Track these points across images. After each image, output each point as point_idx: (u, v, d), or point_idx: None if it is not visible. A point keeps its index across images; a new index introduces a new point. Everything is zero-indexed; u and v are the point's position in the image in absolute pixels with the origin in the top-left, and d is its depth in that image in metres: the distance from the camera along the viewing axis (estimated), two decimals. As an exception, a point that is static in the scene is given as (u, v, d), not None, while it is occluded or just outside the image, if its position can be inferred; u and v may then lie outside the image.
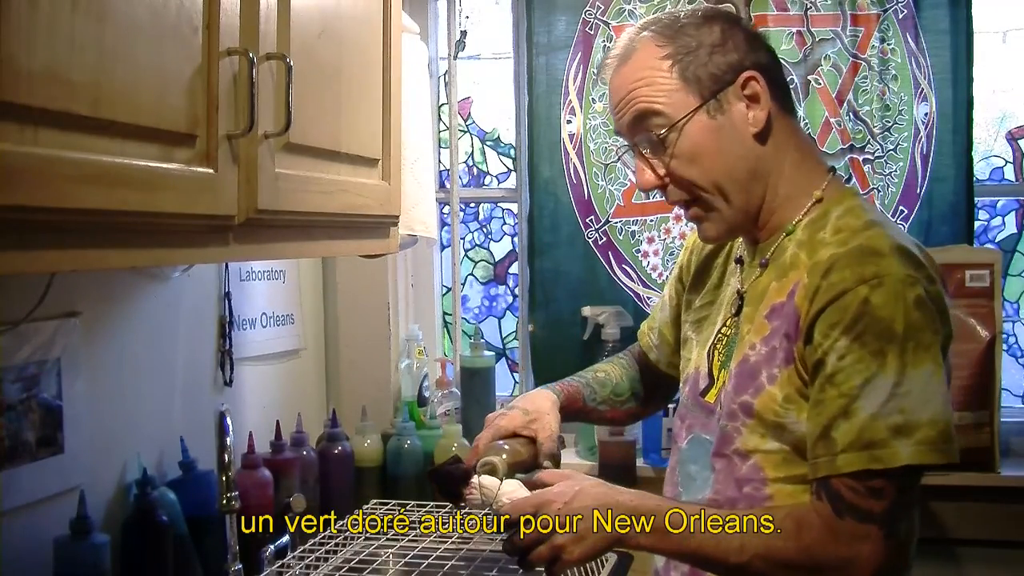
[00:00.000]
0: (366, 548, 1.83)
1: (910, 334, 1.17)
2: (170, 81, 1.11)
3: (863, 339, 1.18)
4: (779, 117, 1.33)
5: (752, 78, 1.30)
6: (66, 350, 1.57)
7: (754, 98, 1.31)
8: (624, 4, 2.43)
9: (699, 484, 1.36)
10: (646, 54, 1.33)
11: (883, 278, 1.18)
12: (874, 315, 1.17)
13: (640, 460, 2.36)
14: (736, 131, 1.31)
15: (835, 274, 1.21)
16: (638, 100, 1.32)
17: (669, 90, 1.31)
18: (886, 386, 1.16)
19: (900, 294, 1.18)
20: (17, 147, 0.89)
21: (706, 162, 1.31)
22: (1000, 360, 2.25)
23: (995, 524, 2.26)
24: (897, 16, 2.34)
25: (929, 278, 1.22)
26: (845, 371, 1.18)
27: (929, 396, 1.17)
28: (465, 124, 2.72)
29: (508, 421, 1.47)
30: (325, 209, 1.50)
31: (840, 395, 1.18)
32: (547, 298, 2.52)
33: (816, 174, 1.35)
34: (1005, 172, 2.50)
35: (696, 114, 1.30)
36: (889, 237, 1.24)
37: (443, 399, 2.47)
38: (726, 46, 1.31)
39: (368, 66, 1.65)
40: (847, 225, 1.28)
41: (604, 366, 1.68)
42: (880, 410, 1.16)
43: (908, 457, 1.15)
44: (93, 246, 1.03)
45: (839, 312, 1.19)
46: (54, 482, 1.56)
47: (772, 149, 1.33)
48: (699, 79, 1.30)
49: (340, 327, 2.51)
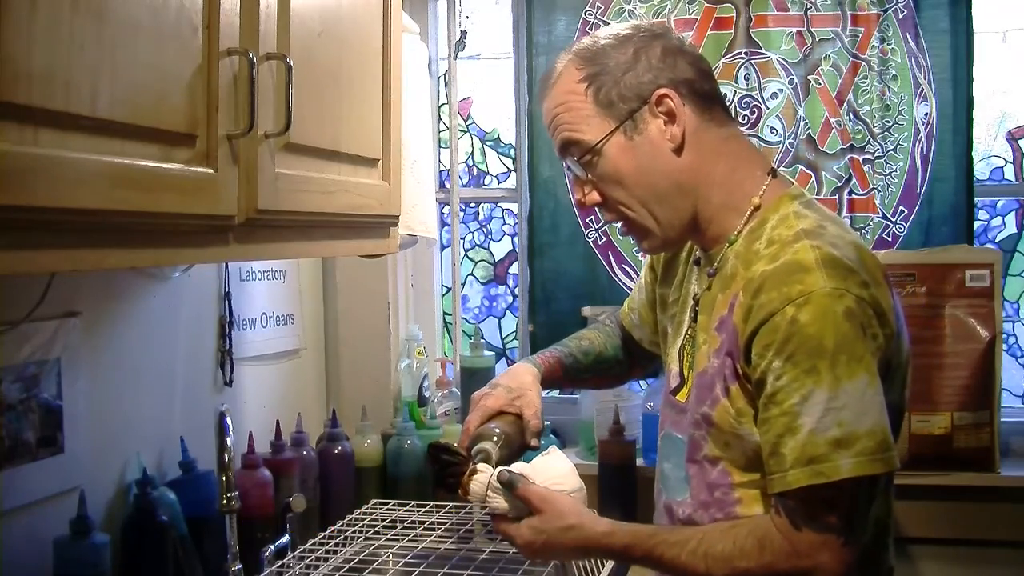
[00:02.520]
0: (366, 548, 1.83)
1: (841, 347, 1.18)
2: (170, 81, 1.11)
3: (795, 358, 1.19)
4: (704, 129, 1.35)
5: (665, 96, 1.32)
6: (66, 350, 1.58)
7: (670, 114, 1.33)
8: (624, 4, 2.42)
9: (675, 486, 1.41)
10: (567, 78, 1.37)
11: (809, 295, 1.19)
12: (803, 333, 1.19)
13: (640, 460, 2.36)
14: (655, 149, 1.33)
15: (764, 295, 1.23)
16: (560, 127, 1.37)
17: (586, 115, 1.35)
18: (823, 401, 1.18)
19: (827, 309, 1.19)
20: (17, 147, 0.89)
21: (629, 182, 1.35)
22: (1000, 360, 2.25)
23: (995, 524, 2.26)
24: (897, 16, 2.34)
25: (862, 283, 1.22)
26: (784, 390, 1.20)
27: (865, 407, 1.19)
28: (465, 124, 2.72)
29: (493, 401, 1.53)
30: (325, 209, 1.50)
31: (782, 413, 1.20)
32: (547, 298, 2.52)
33: (752, 180, 1.36)
34: (1005, 172, 2.49)
35: (613, 136, 1.34)
36: (815, 249, 1.23)
37: (443, 399, 2.47)
38: (638, 66, 1.33)
39: (368, 66, 1.65)
40: (779, 236, 1.28)
41: (589, 333, 1.72)
42: (818, 425, 1.18)
43: (849, 470, 1.18)
44: (93, 246, 1.03)
45: (770, 333, 1.21)
46: (54, 482, 1.56)
47: (696, 162, 1.34)
48: (612, 102, 1.33)
49: (340, 327, 2.51)
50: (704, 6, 2.38)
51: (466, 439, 1.50)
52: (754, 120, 2.38)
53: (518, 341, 2.67)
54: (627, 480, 2.28)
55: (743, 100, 2.38)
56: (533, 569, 1.66)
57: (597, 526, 1.35)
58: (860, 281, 1.22)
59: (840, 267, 1.22)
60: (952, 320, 2.25)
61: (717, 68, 2.37)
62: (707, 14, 2.38)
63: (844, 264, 1.23)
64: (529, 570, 1.66)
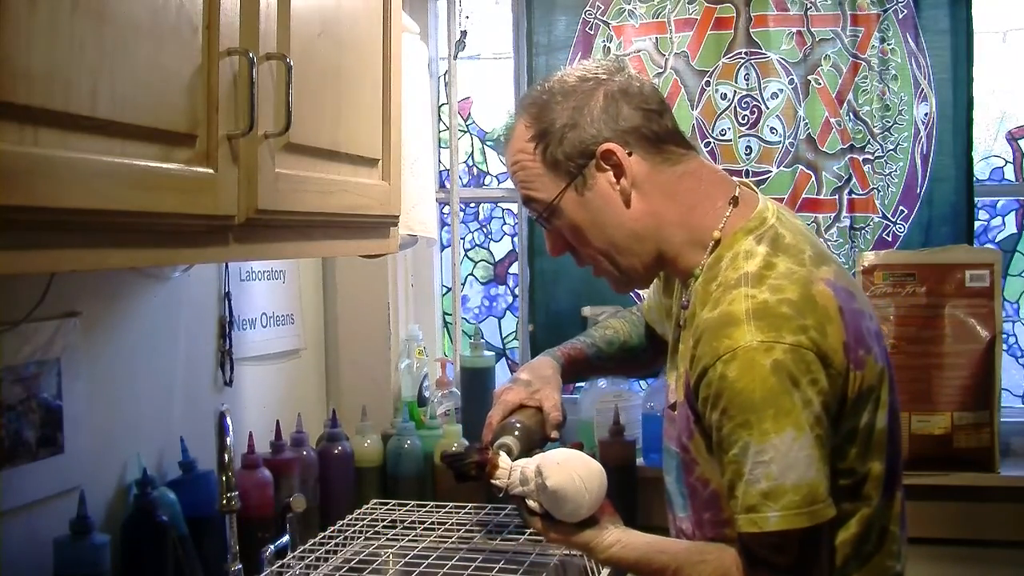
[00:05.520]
0: (366, 548, 1.83)
1: (767, 402, 1.18)
2: (170, 81, 1.11)
3: (729, 413, 1.21)
4: (657, 172, 1.34)
5: (609, 151, 1.32)
6: (66, 350, 1.58)
7: (617, 167, 1.33)
8: (624, 4, 2.42)
9: (676, 502, 1.43)
10: (519, 135, 1.40)
11: (735, 351, 1.20)
12: (732, 389, 1.20)
13: (640, 460, 2.36)
14: (606, 203, 1.35)
15: (700, 347, 1.25)
16: (519, 184, 1.41)
17: (537, 174, 1.37)
18: (753, 455, 1.19)
19: (752, 363, 1.19)
20: (17, 147, 0.89)
21: (588, 235, 1.37)
22: (1000, 360, 2.25)
23: (995, 524, 2.26)
24: (897, 16, 2.34)
25: (798, 328, 1.19)
26: (726, 440, 1.22)
27: (792, 462, 1.18)
28: (465, 124, 2.72)
29: (514, 395, 1.57)
30: (325, 209, 1.50)
31: (730, 461, 1.22)
32: (547, 298, 2.52)
33: (713, 214, 1.34)
34: (1005, 172, 2.49)
35: (565, 193, 1.36)
36: (747, 299, 1.22)
37: (443, 399, 2.47)
38: (580, 122, 1.33)
39: (368, 66, 1.65)
40: (725, 280, 1.28)
41: (614, 322, 1.73)
42: (750, 476, 1.20)
43: (776, 523, 1.19)
44: (93, 246, 1.03)
45: (706, 389, 1.23)
46: (54, 482, 1.56)
47: (650, 208, 1.34)
48: (558, 161, 1.35)
49: (340, 327, 2.51)
50: (704, 6, 2.38)
51: (489, 433, 1.54)
52: (754, 120, 2.38)
53: (518, 341, 2.67)
54: (627, 480, 2.28)
55: (743, 100, 2.38)
56: (533, 569, 1.66)
57: (604, 539, 1.39)
58: (795, 327, 1.20)
59: (771, 317, 1.20)
60: (952, 320, 2.25)
61: (717, 68, 2.38)
62: (707, 14, 2.38)
63: (777, 313, 1.21)
64: (529, 570, 1.66)
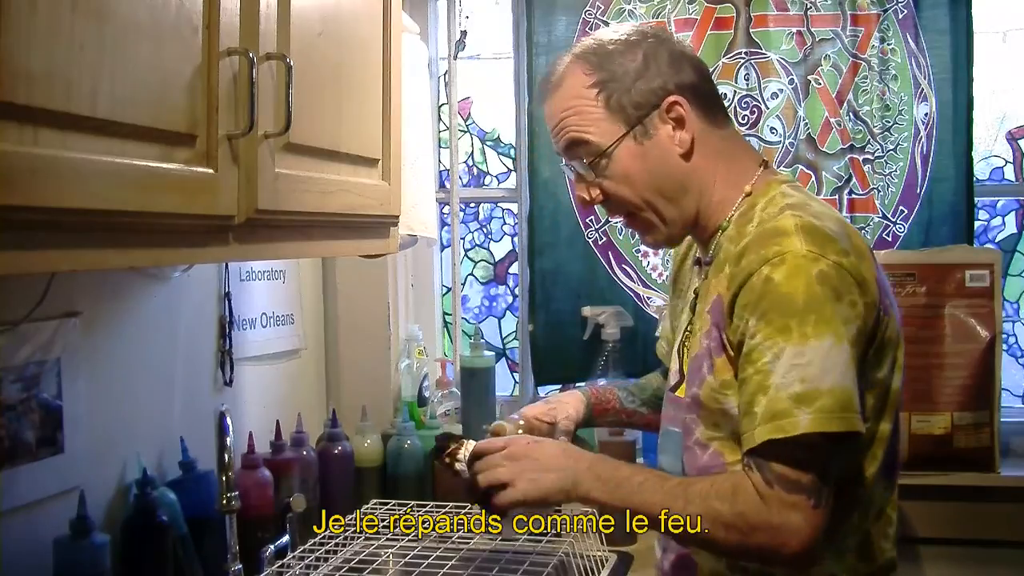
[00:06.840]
0: (366, 548, 1.83)
1: (810, 307, 1.21)
2: (170, 81, 1.11)
3: (768, 316, 1.23)
4: (707, 132, 1.39)
5: (676, 103, 1.37)
6: (66, 350, 1.57)
7: (679, 121, 1.37)
8: (624, 4, 2.42)
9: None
10: (574, 82, 1.40)
11: (784, 255, 1.23)
12: (776, 292, 1.22)
13: (640, 460, 2.36)
14: (663, 153, 1.38)
15: (744, 259, 1.27)
16: (568, 129, 1.40)
17: (596, 119, 1.38)
18: (790, 357, 1.21)
19: (800, 269, 1.22)
20: (17, 147, 0.89)
21: (636, 183, 1.39)
22: (1000, 360, 2.26)
23: (995, 524, 2.26)
24: (897, 16, 2.34)
25: (841, 251, 1.25)
26: (758, 349, 1.23)
27: (829, 367, 1.20)
28: (465, 124, 2.72)
29: (531, 409, 1.64)
30: (325, 209, 1.50)
31: (756, 372, 1.23)
32: (547, 298, 2.52)
33: (746, 174, 1.41)
34: (1005, 172, 2.50)
35: (623, 141, 1.37)
36: (795, 217, 1.28)
37: (443, 399, 2.47)
38: (648, 72, 1.37)
39: (368, 66, 1.65)
40: (767, 215, 1.33)
41: (649, 375, 1.76)
42: (783, 381, 1.20)
43: (807, 425, 1.19)
44: (93, 246, 1.03)
45: (748, 294, 1.25)
46: (54, 482, 1.55)
47: (701, 164, 1.39)
48: (623, 107, 1.37)
49: (340, 327, 2.51)
50: (704, 6, 2.38)
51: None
52: (754, 120, 2.38)
53: (518, 341, 2.67)
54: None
55: (743, 100, 2.38)
56: (533, 569, 1.66)
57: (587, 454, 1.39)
58: (839, 249, 1.25)
59: (819, 235, 1.26)
60: (952, 320, 2.25)
61: (717, 68, 2.38)
62: (707, 14, 2.38)
63: (823, 232, 1.26)
64: (529, 570, 1.66)
